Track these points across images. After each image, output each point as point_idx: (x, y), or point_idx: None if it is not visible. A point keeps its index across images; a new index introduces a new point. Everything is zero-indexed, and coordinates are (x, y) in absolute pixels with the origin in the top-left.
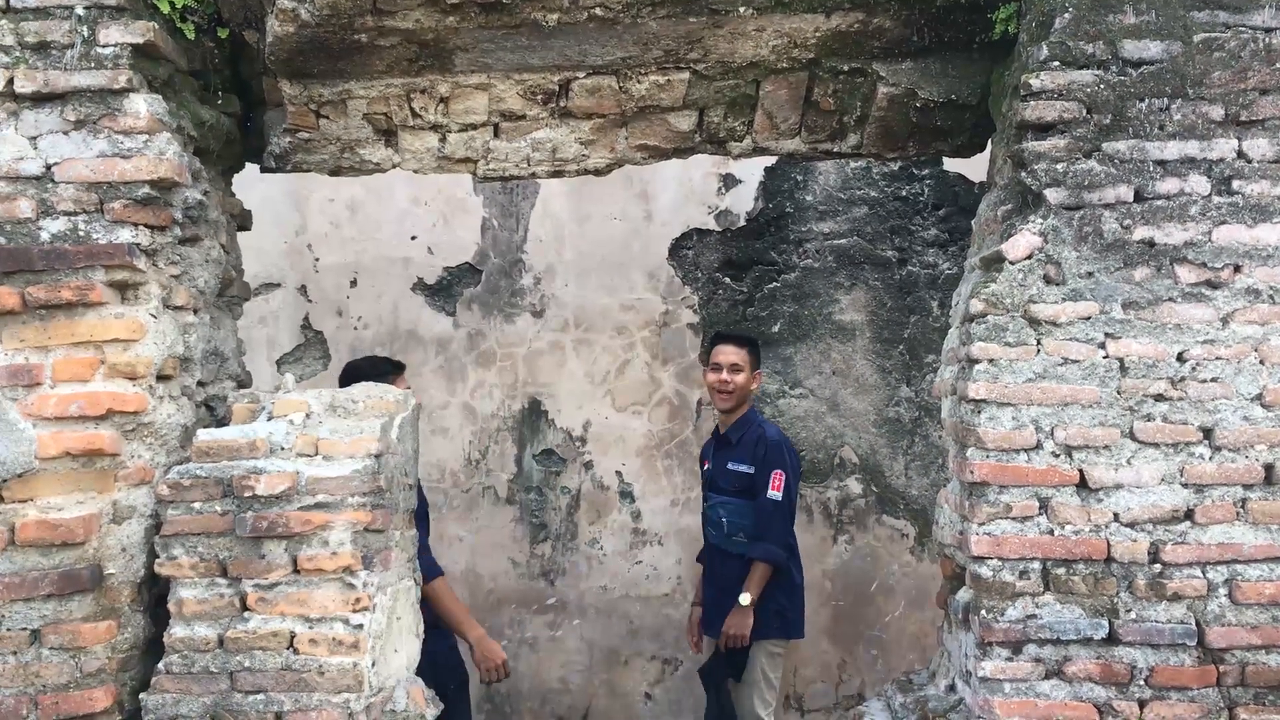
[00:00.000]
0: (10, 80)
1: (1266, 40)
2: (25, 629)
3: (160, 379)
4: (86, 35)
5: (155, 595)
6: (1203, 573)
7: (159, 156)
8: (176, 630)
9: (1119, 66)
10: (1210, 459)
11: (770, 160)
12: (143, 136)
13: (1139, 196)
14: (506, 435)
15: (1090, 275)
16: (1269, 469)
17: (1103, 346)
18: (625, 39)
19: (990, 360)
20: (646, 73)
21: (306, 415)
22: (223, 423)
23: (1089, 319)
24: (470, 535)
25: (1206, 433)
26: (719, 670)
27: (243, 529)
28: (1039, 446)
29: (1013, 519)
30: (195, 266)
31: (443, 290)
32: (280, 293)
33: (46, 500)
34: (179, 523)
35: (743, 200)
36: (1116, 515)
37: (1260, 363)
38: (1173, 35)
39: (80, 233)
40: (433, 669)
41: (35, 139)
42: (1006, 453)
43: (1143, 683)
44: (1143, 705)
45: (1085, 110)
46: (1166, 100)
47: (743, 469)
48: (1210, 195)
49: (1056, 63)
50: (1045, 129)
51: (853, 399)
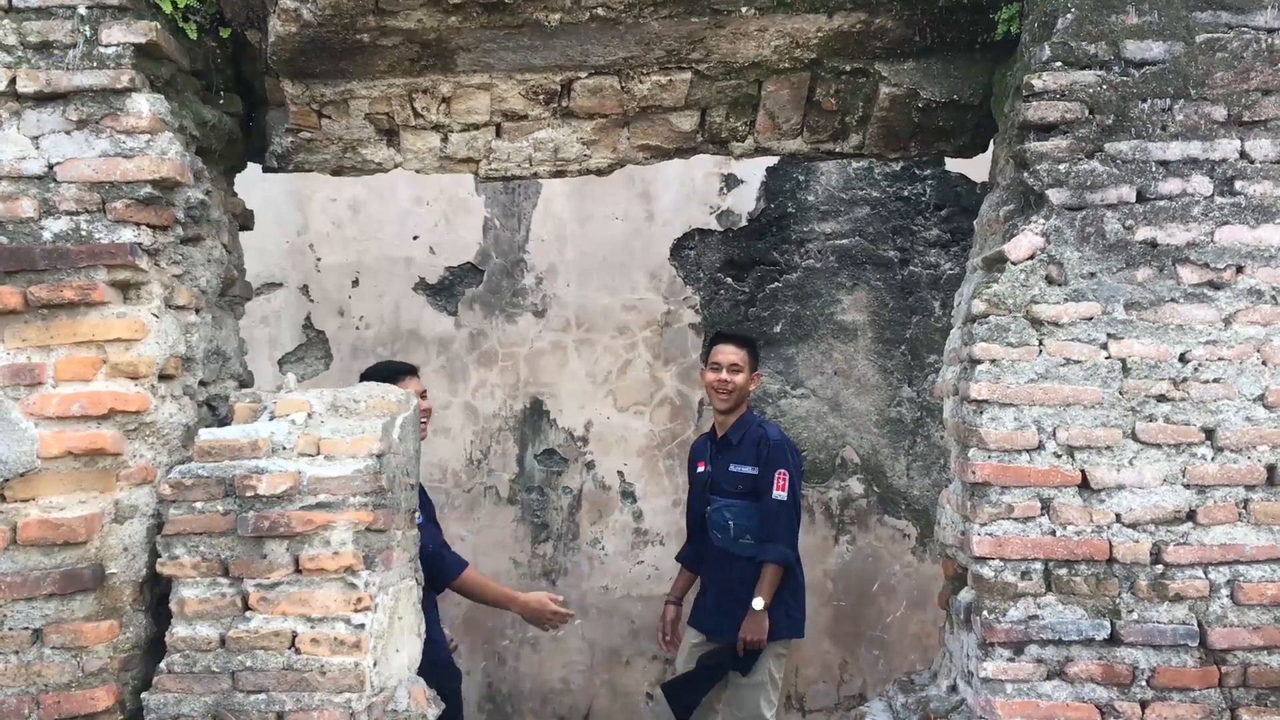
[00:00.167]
0: (13, 80)
1: (1269, 41)
2: (27, 628)
3: (162, 378)
4: (89, 35)
5: (157, 595)
6: (1205, 574)
7: (161, 156)
8: (178, 630)
9: (1121, 67)
10: (1212, 460)
11: (772, 160)
12: (145, 136)
13: (1141, 197)
14: (508, 435)
15: (1092, 276)
16: (1271, 470)
17: (1105, 347)
18: (627, 39)
19: (992, 361)
20: (648, 73)
21: (308, 415)
22: (225, 422)
23: (1091, 319)
24: (472, 535)
25: (1208, 433)
26: (720, 669)
27: (244, 528)
28: (1041, 447)
29: (1015, 519)
30: (197, 266)
31: (444, 290)
32: (282, 292)
33: (48, 500)
34: (181, 522)
35: (744, 200)
36: (1118, 516)
37: (1262, 363)
38: (1175, 36)
39: (82, 232)
40: (433, 670)
41: (38, 139)
42: (1008, 453)
43: (1144, 683)
44: (1144, 706)
45: (1087, 110)
46: (1169, 101)
47: (745, 470)
48: (1213, 196)
49: (1059, 63)
50: (1047, 129)
51: (854, 399)
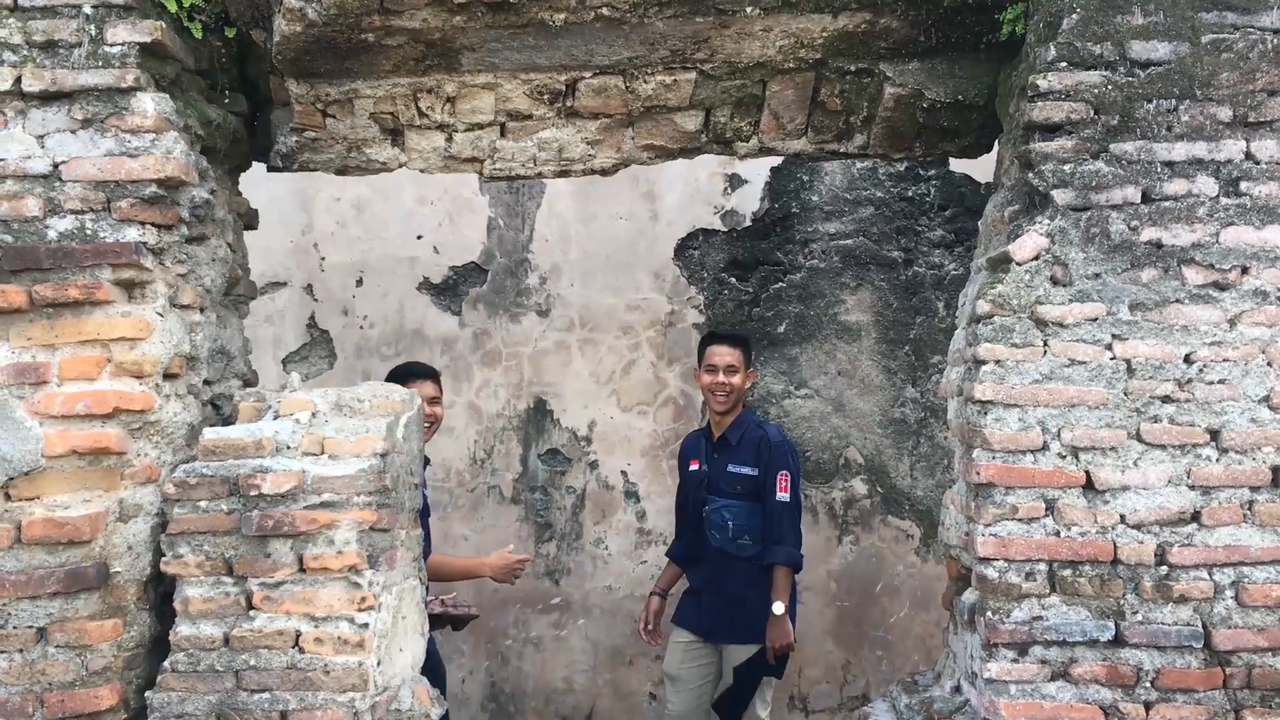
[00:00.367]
0: (18, 79)
1: (1275, 41)
2: (31, 627)
3: (167, 377)
4: (94, 34)
5: (161, 593)
6: (1209, 575)
7: (166, 155)
8: (182, 628)
9: (1127, 67)
10: (1217, 461)
11: (776, 160)
12: (150, 135)
13: (1146, 198)
14: (511, 435)
15: (1097, 276)
16: (1276, 471)
17: (1109, 348)
18: (632, 39)
19: (997, 361)
20: (653, 73)
21: (312, 414)
22: (229, 421)
23: (1096, 320)
24: (475, 534)
25: (1213, 434)
26: (754, 677)
27: (248, 528)
28: (1045, 448)
29: (1019, 520)
30: (202, 265)
31: (448, 290)
32: (286, 292)
33: (53, 498)
34: (185, 521)
35: (749, 200)
36: (1123, 517)
37: (1268, 364)
38: (1181, 36)
39: (87, 231)
40: (427, 665)
41: (43, 138)
42: (1013, 454)
43: (1149, 685)
44: (1149, 707)
45: (1093, 111)
46: (1174, 101)
47: (746, 471)
48: (1218, 196)
49: (1064, 63)
50: (1053, 130)
51: (858, 399)
